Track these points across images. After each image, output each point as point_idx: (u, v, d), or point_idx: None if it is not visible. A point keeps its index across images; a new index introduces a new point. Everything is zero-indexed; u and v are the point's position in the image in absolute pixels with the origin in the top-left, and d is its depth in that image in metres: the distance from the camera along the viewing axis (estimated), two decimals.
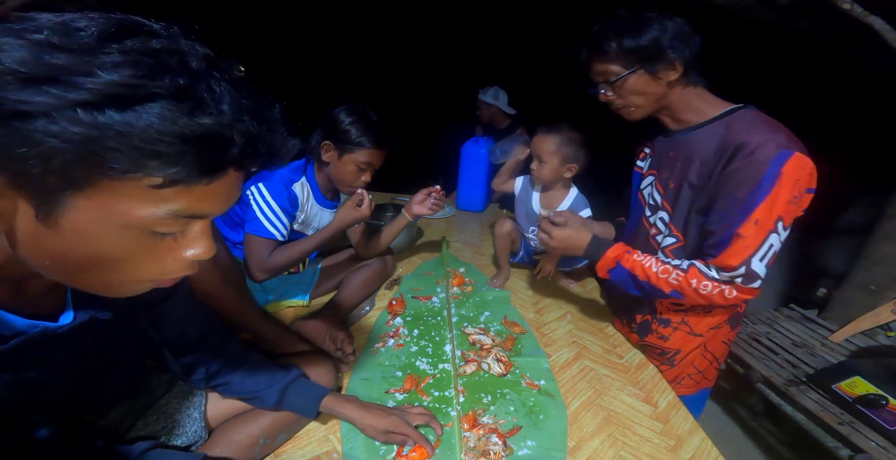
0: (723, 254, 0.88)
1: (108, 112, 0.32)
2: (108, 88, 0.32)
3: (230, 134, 0.37)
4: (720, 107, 0.95)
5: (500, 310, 1.34)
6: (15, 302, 0.45)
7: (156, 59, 0.34)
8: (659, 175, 1.06)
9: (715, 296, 0.91)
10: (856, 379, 1.45)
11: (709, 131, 0.93)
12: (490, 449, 0.81)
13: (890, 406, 1.35)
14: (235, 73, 0.41)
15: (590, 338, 1.24)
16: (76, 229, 0.36)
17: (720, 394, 1.90)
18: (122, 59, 0.33)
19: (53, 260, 0.39)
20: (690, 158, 0.95)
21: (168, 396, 0.75)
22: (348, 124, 1.14)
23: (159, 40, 0.36)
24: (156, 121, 0.33)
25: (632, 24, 0.90)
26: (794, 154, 0.81)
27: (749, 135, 0.85)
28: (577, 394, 1.01)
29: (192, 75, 0.36)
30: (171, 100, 0.34)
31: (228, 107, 0.37)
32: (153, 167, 0.34)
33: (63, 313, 0.50)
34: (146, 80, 0.33)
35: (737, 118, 0.91)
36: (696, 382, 1.13)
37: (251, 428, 0.76)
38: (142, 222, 0.38)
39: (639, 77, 0.92)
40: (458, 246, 1.85)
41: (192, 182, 0.37)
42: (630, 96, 0.95)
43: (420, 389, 0.98)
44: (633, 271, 0.99)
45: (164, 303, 0.67)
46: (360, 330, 1.21)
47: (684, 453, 0.86)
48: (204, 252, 0.44)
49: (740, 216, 0.85)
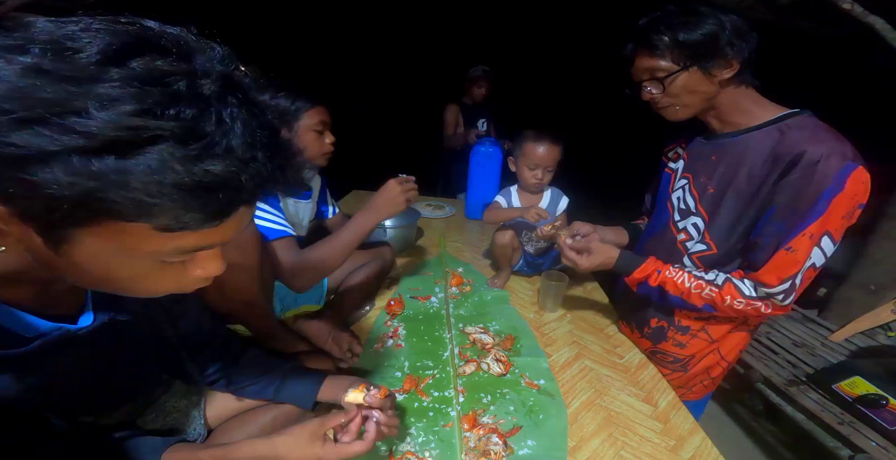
0: (766, 268, 0.84)
1: (105, 159, 0.29)
2: (105, 131, 0.29)
3: (239, 179, 0.34)
4: (773, 110, 0.89)
5: (499, 310, 1.34)
6: (37, 303, 0.46)
7: (162, 86, 0.31)
8: (695, 179, 0.99)
9: (749, 312, 0.89)
10: (856, 379, 1.45)
11: (760, 136, 0.87)
12: (490, 449, 0.81)
13: (890, 406, 1.35)
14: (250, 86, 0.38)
15: (590, 337, 1.24)
16: (84, 258, 0.36)
17: (720, 394, 1.90)
18: (123, 92, 0.29)
19: (69, 275, 0.39)
20: (737, 164, 0.89)
21: (167, 395, 0.75)
22: (274, 99, 1.06)
23: (168, 59, 0.32)
24: (157, 168, 0.30)
25: (685, 19, 0.84)
26: (858, 168, 0.77)
27: (812, 144, 0.79)
28: (577, 394, 1.01)
29: (202, 104, 0.32)
30: (176, 142, 0.31)
31: (240, 141, 0.34)
32: (156, 216, 0.33)
33: (83, 314, 0.51)
34: (148, 118, 0.30)
35: (793, 125, 0.85)
36: (706, 387, 1.12)
37: (251, 427, 0.76)
38: (149, 255, 0.37)
39: (691, 74, 0.86)
40: (456, 246, 1.85)
41: (198, 228, 0.35)
42: (679, 95, 0.88)
43: (420, 389, 0.98)
44: (665, 287, 0.96)
45: (183, 302, 0.69)
46: (360, 330, 1.21)
47: (684, 453, 0.86)
48: (215, 271, 0.44)
49: (795, 229, 0.80)
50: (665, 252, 1.04)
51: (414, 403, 0.94)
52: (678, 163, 1.07)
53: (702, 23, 0.82)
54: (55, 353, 0.47)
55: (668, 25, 0.84)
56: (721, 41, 0.82)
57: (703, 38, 0.82)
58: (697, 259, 0.99)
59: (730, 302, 0.89)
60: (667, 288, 0.96)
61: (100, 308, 0.52)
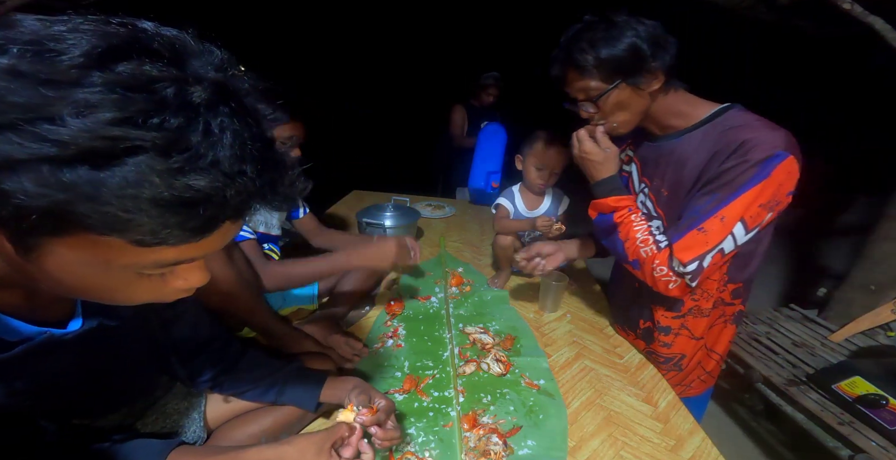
0: (679, 244, 0.85)
1: (78, 170, 0.27)
2: (79, 141, 0.26)
3: (224, 195, 0.32)
4: (706, 108, 0.91)
5: (499, 310, 1.34)
6: (24, 308, 0.45)
7: (147, 92, 0.29)
8: (651, 182, 1.01)
9: (660, 283, 0.90)
10: (856, 379, 1.45)
11: (698, 135, 0.89)
12: (490, 449, 0.81)
13: (890, 406, 1.35)
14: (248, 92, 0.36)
15: (590, 337, 1.24)
16: (57, 267, 0.35)
17: (720, 394, 1.90)
18: (103, 97, 0.27)
19: (46, 284, 0.38)
20: (681, 164, 0.91)
21: (167, 397, 0.75)
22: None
23: (158, 63, 0.30)
24: (134, 181, 0.28)
25: (606, 33, 0.83)
26: (788, 157, 0.78)
27: (746, 133, 0.81)
28: (577, 394, 1.01)
29: (190, 113, 0.30)
30: (157, 154, 0.29)
31: (228, 154, 0.32)
32: (130, 231, 0.30)
33: (72, 319, 0.50)
34: (128, 127, 0.27)
35: (728, 119, 0.87)
36: (704, 382, 1.13)
37: (252, 427, 0.76)
38: (125, 267, 0.35)
39: (621, 91, 0.86)
40: (456, 246, 1.85)
41: (177, 243, 0.33)
42: (614, 112, 0.90)
43: (419, 389, 0.98)
44: (620, 226, 0.95)
45: (176, 308, 0.67)
46: (359, 330, 1.21)
47: (684, 453, 0.86)
48: (197, 282, 0.42)
49: (710, 211, 0.82)
50: None
51: (414, 403, 0.94)
52: (631, 166, 1.08)
53: (621, 36, 0.82)
54: (40, 358, 0.46)
55: (591, 42, 0.83)
56: (643, 53, 0.82)
57: (625, 53, 0.82)
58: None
59: (655, 265, 0.89)
60: (621, 227, 0.95)
61: (89, 313, 0.51)
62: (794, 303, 2.18)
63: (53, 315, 0.48)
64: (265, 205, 0.37)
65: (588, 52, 0.83)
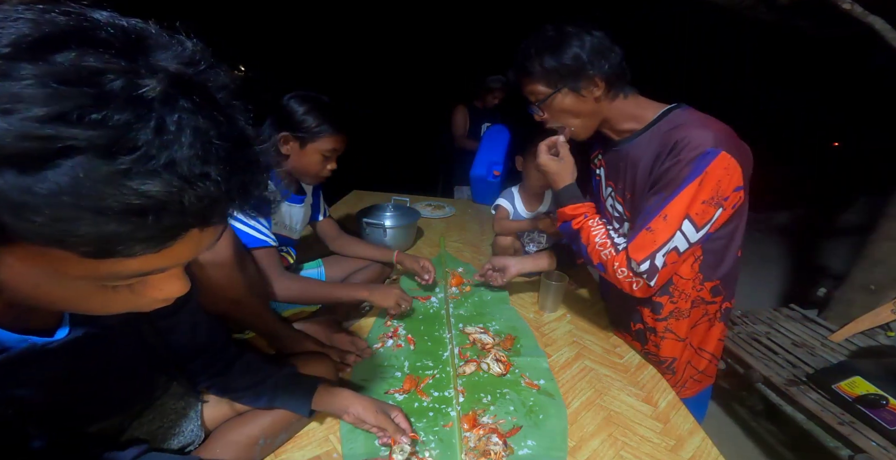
0: (632, 244, 0.89)
1: (4, 175, 0.24)
2: (4, 142, 0.23)
3: (181, 201, 0.28)
4: (654, 109, 0.94)
5: (499, 310, 1.34)
6: (8, 316, 0.43)
7: (87, 86, 0.25)
8: (616, 186, 1.05)
9: (624, 285, 0.93)
10: (856, 379, 1.45)
11: (647, 137, 0.93)
12: (490, 449, 0.81)
13: (890, 406, 1.35)
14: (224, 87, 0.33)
15: (590, 338, 1.24)
16: (12, 278, 0.31)
17: (720, 394, 1.90)
18: (33, 92, 0.24)
19: (7, 294, 0.34)
20: (635, 165, 0.95)
21: (165, 397, 0.75)
22: (304, 113, 1.07)
23: (103, 54, 0.27)
24: (68, 188, 0.24)
25: (552, 42, 0.89)
26: (720, 153, 0.81)
27: (680, 132, 0.85)
28: (577, 394, 1.01)
29: (140, 108, 0.27)
30: (96, 156, 0.25)
31: (187, 154, 0.28)
32: (70, 243, 0.27)
33: (59, 328, 0.48)
34: (60, 125, 0.24)
35: (670, 119, 0.91)
36: (698, 381, 1.13)
37: (251, 428, 0.76)
38: (84, 280, 0.32)
39: (564, 96, 0.92)
40: (456, 246, 1.85)
41: (132, 255, 0.29)
42: (562, 116, 0.95)
43: (419, 389, 0.98)
44: (581, 232, 1.00)
45: (173, 317, 0.66)
46: (359, 330, 1.21)
47: (684, 453, 0.86)
48: (175, 292, 0.39)
49: (656, 210, 0.86)
50: None
51: (414, 403, 0.94)
52: (601, 170, 1.12)
53: (566, 46, 0.87)
54: (22, 367, 0.44)
55: (538, 50, 0.89)
56: (582, 62, 0.87)
57: (566, 61, 0.88)
58: None
59: (616, 267, 0.93)
60: (581, 233, 1.00)
61: (77, 322, 0.48)
62: (794, 303, 2.18)
63: (40, 323, 0.46)
64: (235, 209, 0.34)
65: (534, 59, 0.90)
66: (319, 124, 1.07)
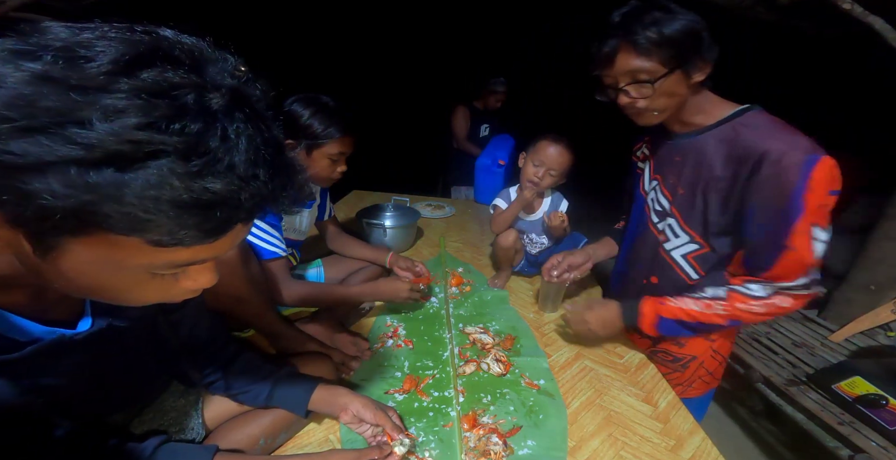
0: (776, 268, 0.84)
1: (104, 172, 0.29)
2: (106, 144, 0.28)
3: (238, 197, 0.34)
4: (725, 108, 0.90)
5: (499, 310, 1.34)
6: (33, 308, 0.46)
7: (169, 99, 0.30)
8: (665, 180, 1.00)
9: (774, 311, 0.87)
10: (856, 379, 1.45)
11: (717, 135, 0.88)
12: (490, 449, 0.81)
13: (890, 406, 1.35)
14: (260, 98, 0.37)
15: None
16: (72, 267, 0.36)
17: (720, 394, 1.90)
18: (129, 103, 0.29)
19: (55, 283, 0.39)
20: (699, 163, 0.90)
21: (165, 394, 0.75)
22: (308, 117, 1.05)
23: (179, 70, 0.32)
24: (155, 184, 0.30)
25: (664, 14, 0.78)
26: (821, 158, 0.77)
27: (769, 141, 0.80)
28: (577, 394, 1.01)
29: (209, 118, 0.32)
30: (178, 158, 0.30)
31: (243, 158, 0.33)
32: (149, 231, 0.32)
33: (81, 319, 0.51)
34: (152, 132, 0.29)
35: (747, 122, 0.86)
36: (707, 383, 1.12)
37: (251, 427, 0.76)
38: (139, 267, 0.37)
39: (675, 77, 0.82)
40: (456, 246, 1.85)
41: (192, 244, 0.35)
42: (661, 99, 0.85)
43: (419, 390, 0.98)
44: (679, 318, 0.95)
45: (182, 310, 0.69)
46: (359, 330, 1.21)
47: (684, 453, 0.86)
48: (206, 283, 0.43)
49: (785, 228, 0.81)
50: (650, 252, 1.05)
51: (414, 403, 0.94)
52: (645, 163, 1.08)
53: (682, 19, 0.79)
54: (51, 358, 0.47)
55: (654, 21, 0.78)
56: (702, 40, 0.80)
57: (686, 36, 0.79)
58: (694, 259, 0.98)
59: (745, 307, 0.88)
60: (682, 318, 0.94)
61: (99, 313, 0.52)
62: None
63: (63, 314, 0.49)
64: (275, 207, 0.39)
65: (650, 28, 0.78)
66: (325, 128, 1.05)
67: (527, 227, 1.51)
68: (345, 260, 1.43)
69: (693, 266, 0.99)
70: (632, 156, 1.17)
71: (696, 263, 0.98)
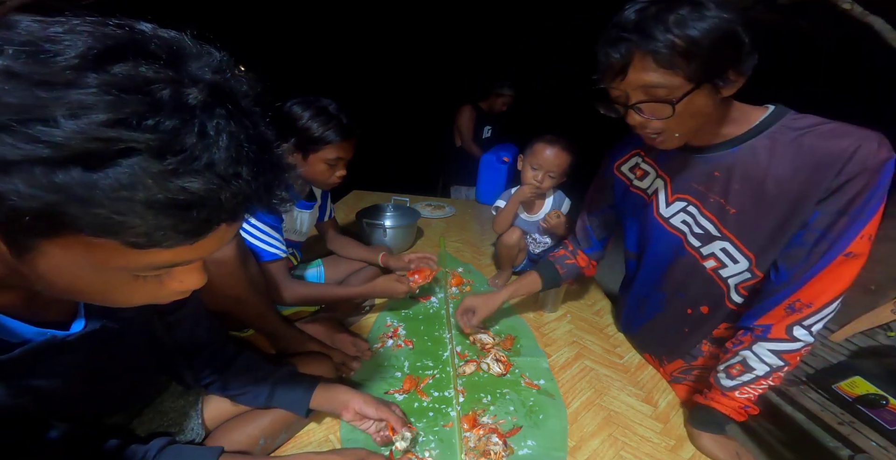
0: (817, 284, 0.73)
1: (71, 171, 0.27)
2: (72, 142, 0.26)
3: (219, 197, 0.32)
4: (752, 112, 0.77)
5: (498, 310, 1.34)
6: (26, 309, 0.45)
7: (142, 94, 0.29)
8: (703, 200, 0.84)
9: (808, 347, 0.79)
10: (856, 379, 1.45)
11: (764, 143, 0.75)
12: (490, 449, 0.81)
13: (890, 406, 1.35)
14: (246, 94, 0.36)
15: (590, 337, 1.24)
16: (50, 269, 0.34)
17: None
18: (97, 99, 0.27)
19: (39, 286, 0.37)
20: (753, 176, 0.76)
21: (164, 395, 0.75)
22: (306, 121, 1.02)
23: (155, 65, 0.30)
24: (127, 184, 0.28)
25: (697, 13, 0.61)
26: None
27: (848, 141, 0.67)
28: (577, 394, 1.01)
29: (185, 115, 0.30)
30: (151, 156, 0.28)
31: (223, 156, 0.31)
32: (123, 233, 0.30)
33: (75, 321, 0.50)
34: (122, 129, 0.27)
35: (793, 125, 0.73)
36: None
37: (251, 428, 0.76)
38: (120, 270, 0.35)
39: (702, 93, 0.65)
40: (456, 245, 1.85)
41: (171, 246, 0.33)
42: (681, 120, 0.69)
43: (419, 389, 0.98)
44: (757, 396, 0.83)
45: (179, 311, 0.68)
46: (359, 330, 1.21)
47: (684, 453, 0.86)
48: (193, 285, 0.42)
49: (850, 232, 0.70)
50: (699, 279, 0.90)
51: (414, 403, 0.94)
52: (648, 181, 0.94)
53: (716, 17, 0.61)
54: (42, 359, 0.46)
55: (678, 21, 0.60)
56: (743, 46, 0.63)
57: (721, 41, 0.61)
58: (744, 289, 0.86)
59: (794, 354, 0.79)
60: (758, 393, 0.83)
61: (92, 315, 0.51)
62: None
63: (55, 316, 0.48)
64: (261, 207, 0.37)
65: (673, 33, 0.60)
66: (322, 132, 1.03)
67: (529, 227, 1.51)
68: (344, 260, 1.43)
69: (742, 295, 0.87)
70: (612, 171, 1.03)
71: (746, 293, 0.87)
